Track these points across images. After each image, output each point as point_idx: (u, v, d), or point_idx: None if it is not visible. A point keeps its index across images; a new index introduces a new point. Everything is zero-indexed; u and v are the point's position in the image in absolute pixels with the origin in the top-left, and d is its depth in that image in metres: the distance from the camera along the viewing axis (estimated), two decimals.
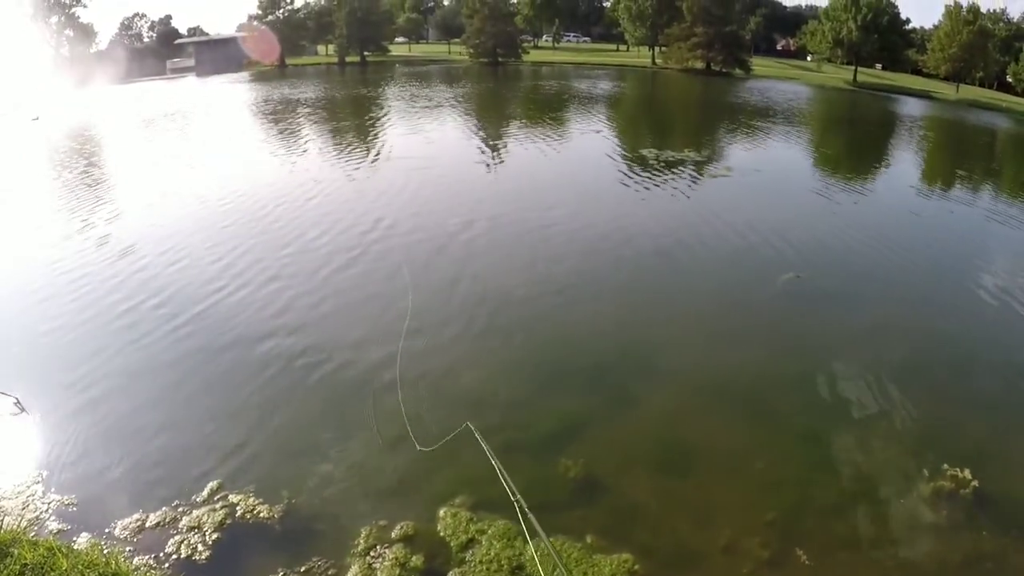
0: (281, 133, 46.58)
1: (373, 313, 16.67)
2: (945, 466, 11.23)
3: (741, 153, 41.06)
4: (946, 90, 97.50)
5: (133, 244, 21.59)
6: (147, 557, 9.00)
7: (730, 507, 10.46)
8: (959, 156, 49.29)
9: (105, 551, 8.82)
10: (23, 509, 9.81)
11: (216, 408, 12.66)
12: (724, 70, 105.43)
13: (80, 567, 7.96)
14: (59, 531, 9.40)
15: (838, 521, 10.32)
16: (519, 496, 7.68)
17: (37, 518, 9.66)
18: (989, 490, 10.82)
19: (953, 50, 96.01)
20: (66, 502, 10.01)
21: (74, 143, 44.30)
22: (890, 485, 11.03)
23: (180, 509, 9.92)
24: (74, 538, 9.26)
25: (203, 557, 9.10)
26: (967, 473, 11.00)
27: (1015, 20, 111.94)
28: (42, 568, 7.87)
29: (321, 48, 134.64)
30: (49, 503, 9.99)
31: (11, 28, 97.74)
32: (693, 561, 9.43)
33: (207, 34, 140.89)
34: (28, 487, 10.30)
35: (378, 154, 37.64)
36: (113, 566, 8.17)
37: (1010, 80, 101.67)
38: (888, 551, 9.73)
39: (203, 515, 9.77)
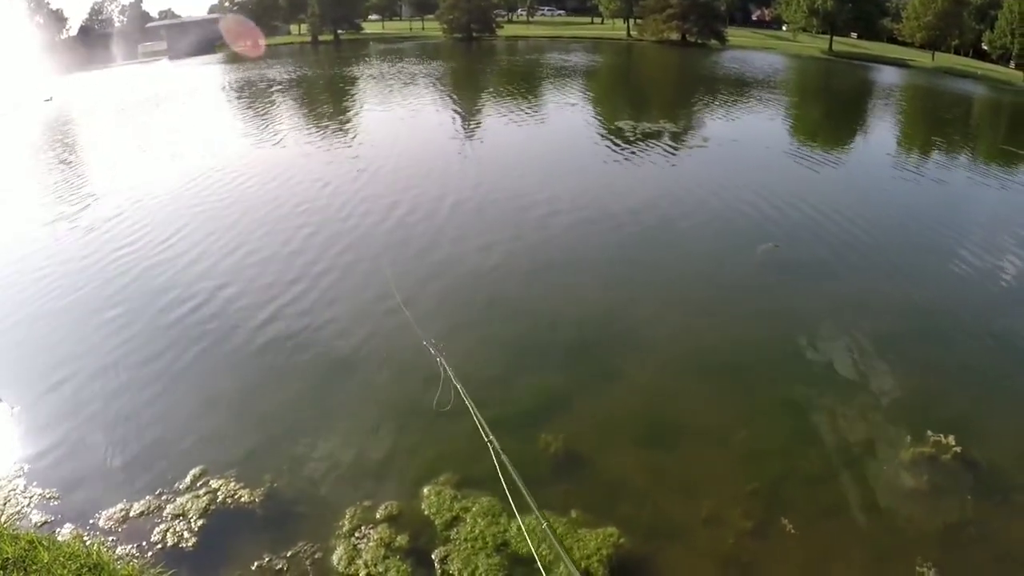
0: (267, 115, 46.13)
1: (352, 293, 16.61)
2: (928, 433, 11.32)
3: (718, 123, 41.02)
4: (922, 58, 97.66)
5: (113, 228, 21.52)
6: (130, 546, 8.97)
7: (713, 478, 10.50)
8: (936, 123, 49.37)
9: (87, 542, 8.77)
10: (4, 503, 9.74)
11: (197, 395, 12.59)
12: (700, 41, 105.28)
13: (62, 559, 7.91)
14: (41, 524, 9.34)
15: (822, 490, 10.39)
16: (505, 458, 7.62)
17: (19, 512, 9.59)
18: (972, 456, 10.92)
19: (928, 18, 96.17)
20: (48, 495, 9.94)
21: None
22: (873, 453, 11.11)
23: (163, 497, 9.88)
24: (57, 530, 9.21)
25: (188, 544, 9.08)
26: (950, 439, 11.09)
27: None
28: (23, 561, 7.82)
29: (294, 28, 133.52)
30: (31, 496, 9.92)
31: None
32: (677, 533, 9.47)
33: (179, 17, 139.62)
34: (9, 481, 10.22)
35: (353, 135, 37.52)
36: (95, 557, 8.12)
37: (985, 48, 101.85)
38: (872, 518, 9.80)
39: (186, 502, 9.74)
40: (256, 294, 16.56)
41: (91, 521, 9.43)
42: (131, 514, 9.56)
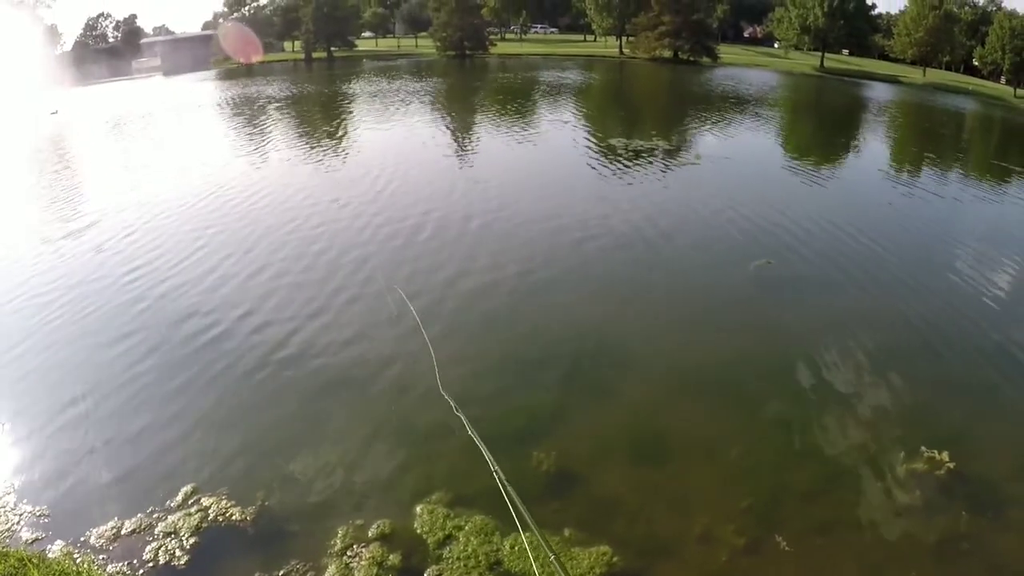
0: (271, 132, 46.17)
1: (344, 307, 16.57)
2: (923, 448, 11.30)
3: (710, 141, 41.16)
4: (913, 74, 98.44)
5: (105, 241, 21.60)
6: (121, 564, 8.90)
7: (705, 495, 10.48)
8: (927, 139, 49.68)
9: (78, 560, 8.72)
10: None
11: (188, 412, 12.48)
12: (692, 59, 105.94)
13: None
14: (32, 541, 9.27)
15: (815, 506, 10.37)
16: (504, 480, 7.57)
17: (9, 529, 9.51)
18: (966, 472, 10.91)
19: (919, 35, 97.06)
20: (38, 512, 9.86)
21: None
22: (867, 468, 11.09)
23: (155, 515, 9.79)
24: (47, 547, 9.14)
25: (179, 563, 9.00)
26: (944, 455, 11.08)
27: (980, 4, 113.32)
28: None
29: (287, 45, 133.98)
30: (21, 514, 9.83)
31: None
32: (670, 550, 9.43)
33: (173, 33, 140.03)
34: None
35: (345, 149, 37.67)
36: (86, 575, 8.07)
37: (976, 63, 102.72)
38: (867, 534, 9.78)
39: (178, 520, 9.67)
40: (248, 311, 16.49)
41: (82, 539, 9.34)
42: (122, 532, 9.48)
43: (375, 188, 27.75)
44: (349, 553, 9.18)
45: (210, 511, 9.87)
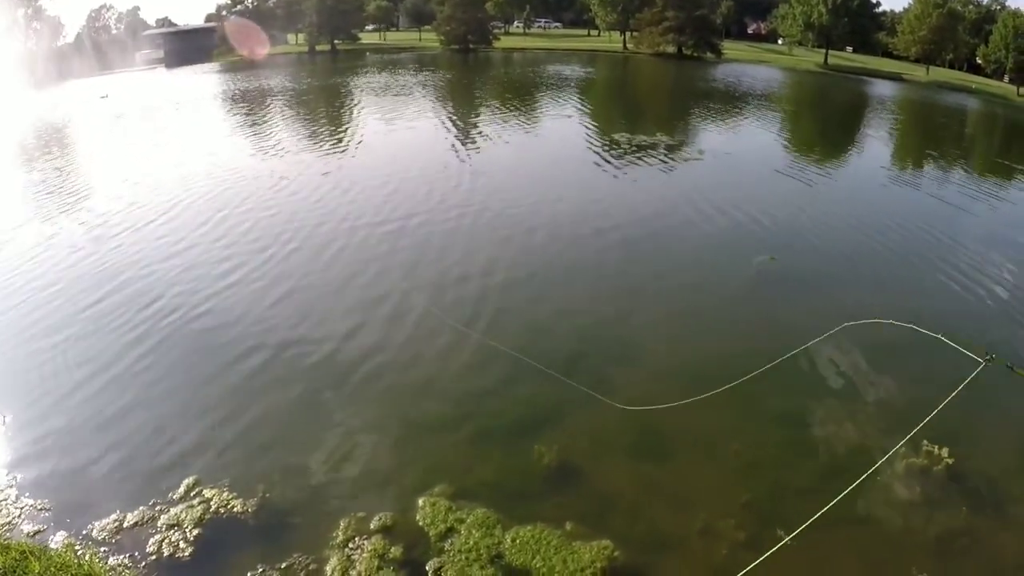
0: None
1: (343, 306, 16.55)
2: (924, 443, 11.30)
3: (713, 136, 41.16)
4: (917, 72, 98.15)
5: (109, 233, 21.76)
6: (123, 557, 8.92)
7: (706, 491, 10.49)
8: (930, 137, 49.61)
9: (80, 552, 8.73)
10: None
11: (190, 406, 12.53)
12: (695, 54, 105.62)
13: (53, 569, 7.88)
14: (33, 534, 9.29)
15: (815, 500, 10.32)
16: None
17: (10, 522, 9.53)
18: (964, 468, 10.94)
19: (923, 32, 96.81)
20: (40, 505, 9.89)
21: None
22: (867, 464, 11.02)
23: (157, 507, 9.82)
24: (49, 539, 9.16)
25: (181, 555, 9.03)
26: (943, 451, 11.09)
27: (984, 3, 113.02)
28: (14, 572, 7.78)
29: (291, 37, 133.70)
30: (22, 507, 9.86)
31: None
32: (671, 545, 9.46)
33: (176, 25, 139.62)
34: (1, 491, 10.16)
35: (355, 145, 37.62)
36: (87, 567, 8.10)
37: (979, 62, 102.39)
38: (866, 528, 9.82)
39: (180, 512, 9.70)
40: (252, 307, 16.52)
41: (84, 532, 9.38)
42: (124, 524, 9.51)
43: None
44: (351, 545, 9.21)
45: (212, 503, 9.90)
